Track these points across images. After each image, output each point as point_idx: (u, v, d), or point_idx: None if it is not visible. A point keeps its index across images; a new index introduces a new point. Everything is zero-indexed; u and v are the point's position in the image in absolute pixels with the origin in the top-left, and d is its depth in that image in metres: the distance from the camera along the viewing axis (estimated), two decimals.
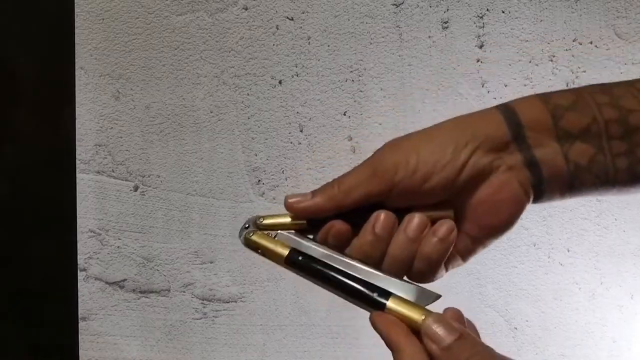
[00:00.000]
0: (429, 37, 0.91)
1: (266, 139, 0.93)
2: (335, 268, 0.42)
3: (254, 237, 0.44)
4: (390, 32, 0.91)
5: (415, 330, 0.39)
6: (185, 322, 0.97)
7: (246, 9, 0.92)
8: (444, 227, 0.41)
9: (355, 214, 0.42)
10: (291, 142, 0.93)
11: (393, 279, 0.42)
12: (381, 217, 0.42)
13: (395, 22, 0.91)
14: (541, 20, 0.90)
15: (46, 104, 0.96)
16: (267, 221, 0.44)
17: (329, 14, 0.91)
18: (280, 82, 0.92)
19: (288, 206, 0.43)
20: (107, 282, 0.97)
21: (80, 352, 0.98)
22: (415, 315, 0.39)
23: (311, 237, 0.44)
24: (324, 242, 0.43)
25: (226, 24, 0.92)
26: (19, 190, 0.97)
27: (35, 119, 0.96)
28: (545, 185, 0.42)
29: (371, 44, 0.91)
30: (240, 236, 0.45)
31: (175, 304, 0.97)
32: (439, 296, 0.42)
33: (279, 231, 0.44)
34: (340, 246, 0.43)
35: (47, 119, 0.96)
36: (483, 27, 0.90)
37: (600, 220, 0.92)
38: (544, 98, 0.42)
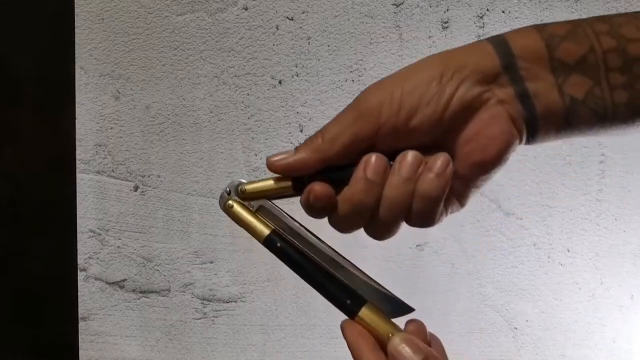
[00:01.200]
0: (429, 37, 0.91)
1: (266, 139, 0.93)
2: (314, 261, 0.40)
3: (235, 209, 0.41)
4: (390, 32, 0.91)
5: (382, 343, 0.38)
6: (185, 322, 0.97)
7: (246, 9, 0.92)
8: (439, 160, 0.38)
9: (344, 168, 0.39)
10: (291, 142, 0.93)
11: (371, 282, 0.41)
12: (372, 160, 0.38)
13: (395, 22, 0.91)
14: (541, 20, 0.90)
15: (46, 104, 0.96)
16: (249, 187, 0.41)
17: (329, 14, 0.91)
18: (280, 82, 0.92)
19: (270, 165, 0.40)
20: (107, 282, 0.97)
21: (80, 352, 0.98)
22: (384, 329, 0.39)
23: (293, 217, 0.42)
24: (306, 207, 0.40)
25: (226, 24, 0.92)
26: (19, 190, 0.97)
27: (35, 119, 0.96)
28: (539, 120, 0.39)
29: (371, 44, 0.91)
30: (220, 202, 0.42)
31: (175, 304, 0.97)
32: (412, 309, 0.41)
33: (263, 201, 0.41)
34: (324, 210, 0.40)
35: (47, 119, 0.96)
36: (483, 27, 0.90)
37: (600, 220, 0.92)
38: (539, 27, 0.39)
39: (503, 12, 0.90)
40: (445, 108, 0.38)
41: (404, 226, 0.43)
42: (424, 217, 0.40)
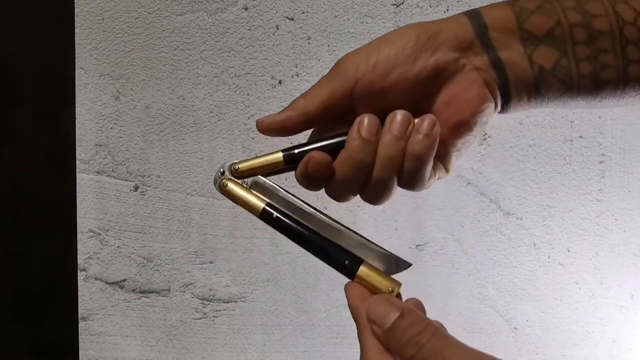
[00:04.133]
0: None
1: (266, 139, 0.93)
2: (311, 229, 0.42)
3: (230, 187, 0.43)
4: None
5: None
6: (185, 322, 0.97)
7: (246, 9, 0.92)
8: (426, 121, 0.40)
9: (331, 139, 0.42)
10: (291, 142, 0.93)
11: (368, 242, 0.42)
12: (365, 120, 0.40)
13: (395, 22, 0.91)
14: None
15: (46, 104, 0.96)
16: (242, 165, 0.44)
17: (329, 14, 0.91)
18: (280, 82, 0.92)
19: (259, 125, 0.43)
20: (107, 282, 0.97)
21: (80, 352, 0.98)
22: (384, 285, 0.40)
23: (287, 190, 0.43)
24: (304, 177, 0.42)
25: (226, 24, 0.92)
26: (19, 190, 0.97)
27: (35, 119, 0.96)
28: (511, 87, 0.41)
29: None
30: (215, 183, 0.44)
31: (175, 304, 0.97)
32: (409, 264, 0.42)
33: (256, 177, 0.43)
34: (322, 178, 0.42)
35: (47, 119, 0.96)
36: None
37: (600, 220, 0.92)
38: (512, 2, 0.42)
39: None
40: (422, 69, 0.40)
41: (403, 227, 0.43)
42: (415, 177, 0.41)
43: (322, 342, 0.96)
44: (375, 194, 0.42)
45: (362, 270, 0.40)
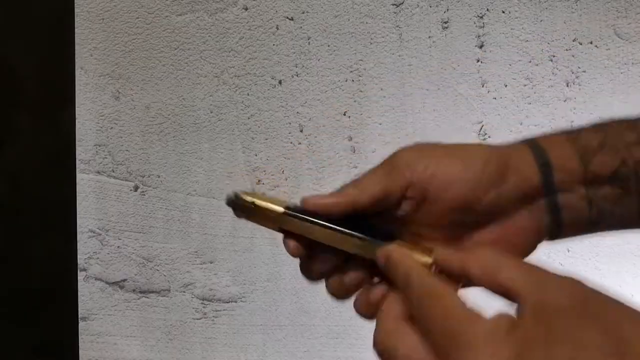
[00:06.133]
0: (429, 37, 0.91)
1: (266, 139, 0.93)
2: (337, 223, 0.41)
3: (258, 203, 0.42)
4: (390, 32, 0.91)
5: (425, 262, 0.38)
6: (185, 322, 0.97)
7: (246, 9, 0.92)
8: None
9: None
10: (291, 142, 0.93)
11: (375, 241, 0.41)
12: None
13: (395, 22, 0.91)
14: (541, 20, 0.90)
15: (46, 104, 0.96)
16: (249, 199, 0.42)
17: (329, 14, 0.91)
18: (280, 82, 0.92)
19: (305, 202, 0.41)
20: (107, 282, 0.97)
21: (80, 352, 0.98)
22: (423, 257, 0.39)
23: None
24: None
25: (226, 24, 0.92)
26: (19, 190, 0.97)
27: (35, 119, 0.96)
28: (563, 229, 0.41)
29: (371, 44, 0.91)
30: (235, 205, 0.42)
31: (175, 304, 0.97)
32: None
33: (253, 199, 0.42)
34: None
35: (47, 119, 0.96)
36: (483, 27, 0.90)
37: None
38: (572, 138, 0.40)
39: (503, 12, 0.90)
40: (483, 195, 0.39)
41: None
42: None
43: (322, 342, 0.96)
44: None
45: (398, 244, 0.40)
